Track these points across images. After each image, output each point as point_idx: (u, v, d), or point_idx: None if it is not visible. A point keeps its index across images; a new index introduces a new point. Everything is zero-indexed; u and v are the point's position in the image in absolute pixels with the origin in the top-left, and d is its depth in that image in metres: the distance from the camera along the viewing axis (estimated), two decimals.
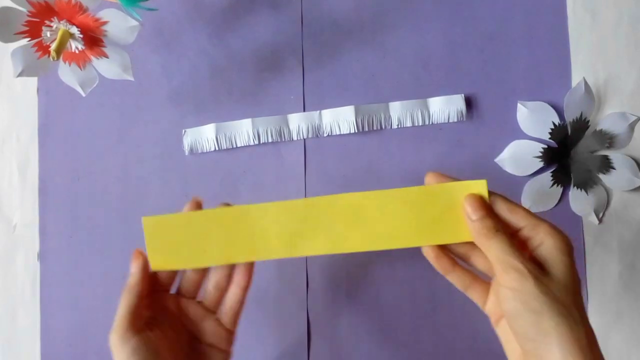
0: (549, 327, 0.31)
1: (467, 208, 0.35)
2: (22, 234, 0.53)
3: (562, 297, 0.32)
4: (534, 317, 0.32)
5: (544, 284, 0.32)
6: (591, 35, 0.50)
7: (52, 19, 0.43)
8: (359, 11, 0.52)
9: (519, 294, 0.32)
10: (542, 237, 0.34)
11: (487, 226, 0.35)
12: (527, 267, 0.33)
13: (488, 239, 0.34)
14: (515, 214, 0.35)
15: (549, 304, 0.31)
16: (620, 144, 0.49)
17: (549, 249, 0.34)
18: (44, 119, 0.54)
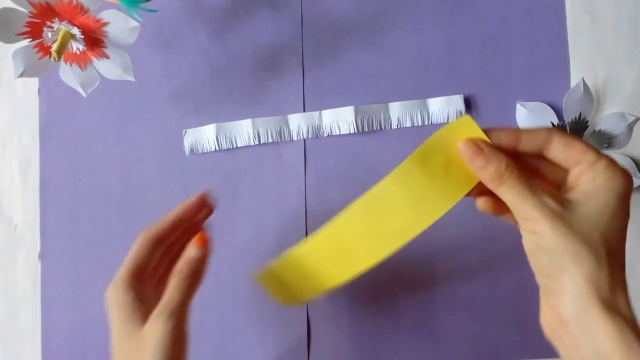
0: (563, 265, 0.29)
1: (463, 152, 0.32)
2: (23, 233, 0.53)
3: (587, 235, 0.29)
4: (548, 256, 0.30)
5: (564, 224, 0.30)
6: (590, 36, 0.50)
7: (53, 19, 0.43)
8: (359, 11, 0.52)
9: (533, 236, 0.31)
10: (596, 173, 0.31)
11: (492, 172, 0.32)
12: (542, 210, 0.30)
13: (498, 186, 0.32)
14: (572, 148, 0.31)
15: (564, 243, 0.29)
16: (619, 144, 0.49)
17: (596, 186, 0.30)
18: (45, 120, 0.54)
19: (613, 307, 0.29)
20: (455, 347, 0.49)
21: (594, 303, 0.29)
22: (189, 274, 0.37)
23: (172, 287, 0.36)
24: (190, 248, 0.38)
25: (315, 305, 0.50)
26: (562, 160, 0.32)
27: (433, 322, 0.49)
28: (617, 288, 0.29)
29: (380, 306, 0.50)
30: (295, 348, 0.50)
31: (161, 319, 0.35)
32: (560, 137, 0.32)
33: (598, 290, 0.29)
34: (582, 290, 0.29)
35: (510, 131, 0.33)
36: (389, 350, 0.49)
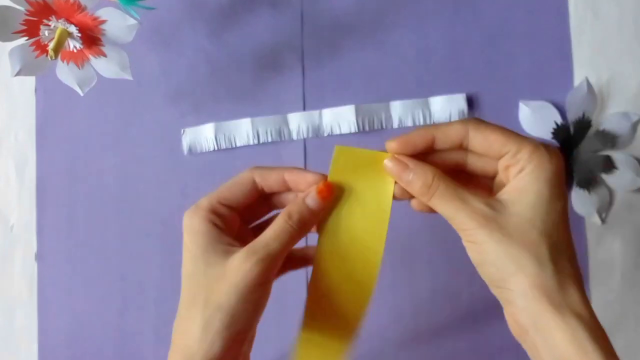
0: (507, 274, 0.29)
1: (392, 173, 0.32)
2: (19, 234, 0.53)
3: (524, 236, 0.29)
4: (492, 267, 0.29)
5: (498, 229, 0.29)
6: (593, 34, 0.50)
7: (50, 17, 0.43)
8: (359, 10, 0.51)
9: (474, 247, 0.30)
10: (521, 164, 0.30)
11: (420, 186, 0.31)
12: (475, 218, 0.29)
13: (428, 199, 0.31)
14: (491, 141, 0.30)
15: (503, 251, 0.28)
16: (623, 143, 0.48)
17: (524, 178, 0.29)
18: (41, 119, 0.53)
19: (564, 306, 0.28)
20: (456, 347, 0.49)
21: (545, 308, 0.28)
22: (297, 222, 0.32)
23: (273, 230, 0.32)
24: (310, 195, 0.33)
25: None
26: (485, 153, 0.31)
27: (433, 322, 0.49)
28: (566, 283, 0.29)
29: (380, 307, 0.49)
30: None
31: (254, 258, 0.30)
32: (475, 130, 0.31)
33: (546, 293, 0.28)
34: (530, 296, 0.28)
35: (421, 133, 0.32)
36: (388, 350, 0.49)
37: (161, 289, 0.51)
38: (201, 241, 0.32)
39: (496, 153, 0.31)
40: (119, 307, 0.51)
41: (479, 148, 0.31)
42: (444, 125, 0.31)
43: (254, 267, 0.30)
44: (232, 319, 0.30)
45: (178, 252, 0.51)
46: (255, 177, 0.34)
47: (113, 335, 0.51)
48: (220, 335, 0.30)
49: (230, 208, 0.33)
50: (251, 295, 0.30)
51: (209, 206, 0.33)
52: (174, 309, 0.51)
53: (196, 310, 0.31)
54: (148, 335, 0.51)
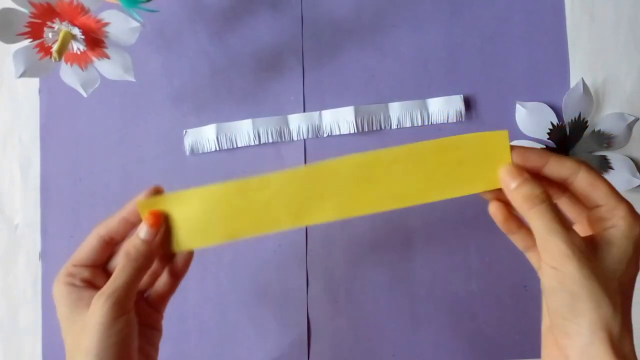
0: (584, 309, 0.30)
1: (504, 177, 0.33)
2: (23, 233, 0.54)
3: (607, 282, 0.30)
4: (569, 298, 0.30)
5: (589, 267, 0.30)
6: (590, 36, 0.50)
7: (54, 20, 0.43)
8: (359, 11, 0.52)
9: (558, 273, 0.31)
10: (616, 220, 0.31)
11: (525, 195, 0.32)
12: (571, 247, 0.30)
13: (529, 209, 0.32)
14: (596, 189, 0.32)
15: (589, 287, 0.30)
16: (618, 144, 0.49)
17: (617, 233, 0.31)
18: (45, 120, 0.54)
19: (621, 353, 0.30)
20: (456, 347, 0.49)
21: (606, 350, 0.29)
22: (135, 256, 0.35)
23: (117, 269, 0.35)
24: (140, 229, 0.35)
25: (315, 305, 0.50)
26: (583, 196, 0.33)
27: (433, 322, 0.49)
28: (625, 334, 0.30)
29: (380, 306, 0.50)
30: (295, 348, 0.50)
31: (101, 299, 0.33)
32: (586, 174, 0.32)
33: (611, 337, 0.30)
34: (598, 336, 0.30)
35: (539, 153, 0.33)
36: (388, 350, 0.50)
37: None
38: (64, 304, 0.35)
39: (595, 201, 0.32)
40: None
41: (582, 189, 0.33)
42: (560, 157, 0.33)
43: (103, 305, 0.33)
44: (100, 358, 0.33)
45: None
46: (100, 231, 0.36)
47: None
48: None
49: (87, 267, 0.36)
50: (111, 331, 0.33)
51: (65, 271, 0.36)
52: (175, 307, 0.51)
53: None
54: None
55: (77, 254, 0.36)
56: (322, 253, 0.51)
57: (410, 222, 0.50)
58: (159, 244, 0.35)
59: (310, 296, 0.50)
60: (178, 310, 0.51)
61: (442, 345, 0.49)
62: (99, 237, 0.36)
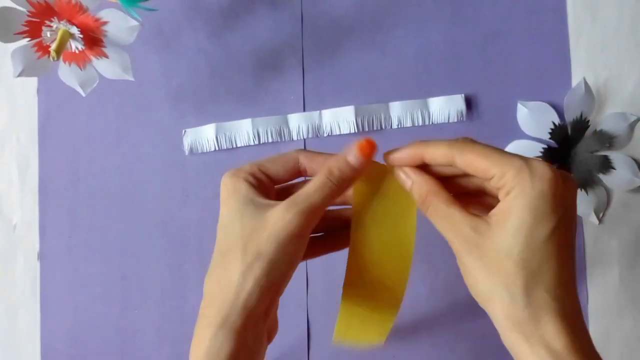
0: (486, 300, 0.29)
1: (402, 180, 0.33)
2: (22, 234, 0.53)
3: (500, 265, 0.28)
4: (474, 290, 0.30)
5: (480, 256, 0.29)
6: (591, 35, 0.50)
7: (52, 19, 0.43)
8: (359, 11, 0.52)
9: (462, 267, 0.31)
10: (508, 188, 0.29)
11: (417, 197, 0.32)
12: (458, 240, 0.30)
13: (425, 211, 0.31)
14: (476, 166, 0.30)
15: (483, 278, 0.29)
16: (620, 144, 0.49)
17: (509, 202, 0.29)
18: (43, 119, 0.54)
19: (534, 338, 0.28)
20: (456, 347, 0.49)
21: (516, 337, 0.28)
22: (338, 178, 0.32)
23: (315, 184, 0.32)
24: (351, 152, 0.32)
25: (315, 305, 0.50)
26: (474, 174, 0.31)
27: (433, 322, 0.49)
28: (540, 315, 0.28)
29: None
30: (295, 348, 0.50)
31: (295, 209, 0.30)
32: (460, 155, 0.31)
33: (517, 324, 0.28)
34: (503, 324, 0.29)
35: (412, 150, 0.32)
36: (388, 350, 0.49)
37: (162, 288, 0.51)
38: (238, 196, 0.32)
39: (483, 176, 0.30)
40: (121, 306, 0.52)
41: (468, 170, 0.31)
42: (432, 146, 0.32)
43: (294, 218, 0.30)
44: (271, 267, 0.30)
45: (179, 250, 0.51)
46: (301, 157, 0.34)
47: (115, 334, 0.51)
48: (259, 282, 0.30)
49: (269, 177, 0.33)
50: (290, 247, 0.31)
51: (250, 170, 0.33)
52: (176, 307, 0.51)
53: (234, 258, 0.31)
54: (150, 334, 0.51)
55: (267, 162, 0.34)
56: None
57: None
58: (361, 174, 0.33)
59: (310, 296, 0.50)
60: (178, 310, 0.51)
61: (442, 345, 0.49)
62: (296, 161, 0.34)
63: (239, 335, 0.30)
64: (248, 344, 0.30)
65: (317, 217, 0.32)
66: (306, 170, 0.34)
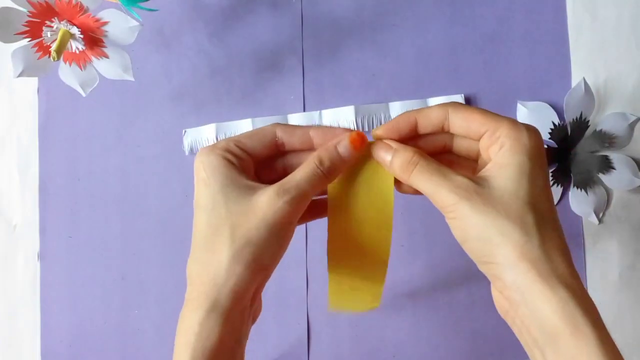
0: (494, 246, 0.28)
1: (377, 154, 0.32)
2: (22, 234, 0.53)
3: (508, 206, 0.28)
4: (477, 241, 0.29)
5: (481, 202, 0.28)
6: (591, 35, 0.50)
7: (52, 19, 0.43)
8: (359, 11, 0.52)
9: (458, 222, 0.30)
10: (502, 140, 0.30)
11: (400, 165, 0.31)
12: (456, 191, 0.29)
13: (409, 176, 0.31)
14: (471, 121, 0.31)
15: (488, 223, 0.28)
16: (620, 144, 0.49)
17: (505, 153, 0.29)
18: (44, 119, 0.54)
19: (553, 277, 0.28)
20: (456, 347, 0.49)
21: (534, 279, 0.28)
22: (328, 168, 0.32)
23: (305, 172, 0.32)
24: (342, 143, 0.32)
25: (315, 305, 0.50)
26: (465, 134, 0.32)
27: (433, 322, 0.49)
28: (553, 253, 0.28)
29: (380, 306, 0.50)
30: (295, 348, 0.50)
31: (286, 197, 0.30)
32: (454, 112, 0.31)
33: (534, 264, 0.28)
34: (519, 268, 0.28)
35: (404, 116, 0.32)
36: (388, 350, 0.49)
37: (162, 288, 0.51)
38: (219, 176, 0.31)
39: (476, 133, 0.31)
40: (121, 306, 0.52)
41: (459, 129, 0.32)
42: (425, 109, 0.32)
43: (285, 205, 0.30)
44: (261, 253, 0.30)
45: (179, 250, 0.51)
46: (278, 132, 0.33)
47: (115, 334, 0.52)
48: (249, 268, 0.30)
49: (247, 154, 0.33)
50: (280, 233, 0.31)
51: (226, 146, 0.32)
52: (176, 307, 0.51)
53: (221, 243, 0.30)
54: (150, 334, 0.51)
55: (243, 138, 0.33)
56: (322, 253, 0.50)
57: (410, 223, 0.50)
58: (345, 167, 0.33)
59: (310, 296, 0.50)
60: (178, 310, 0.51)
61: (442, 345, 0.49)
62: (274, 135, 0.33)
63: (228, 318, 0.30)
64: (235, 327, 0.31)
65: (305, 205, 0.32)
66: (284, 144, 0.34)
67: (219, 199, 0.31)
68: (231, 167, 0.31)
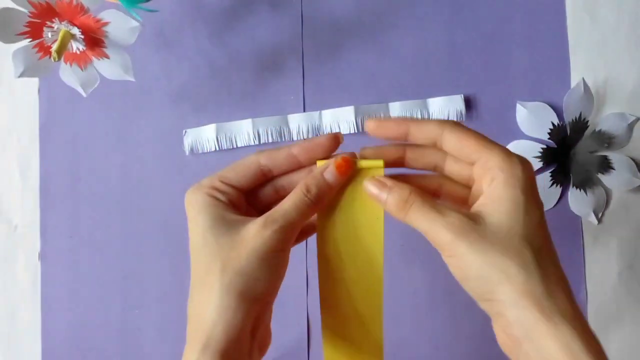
0: (495, 284, 0.28)
1: (370, 191, 0.32)
2: (23, 234, 0.53)
3: (506, 244, 0.28)
4: (478, 280, 0.29)
5: (477, 240, 0.28)
6: (590, 36, 0.50)
7: (53, 19, 0.43)
8: (359, 11, 0.52)
9: (456, 261, 0.29)
10: (494, 172, 0.29)
11: (396, 204, 0.31)
12: (451, 229, 0.29)
13: (405, 214, 0.31)
14: (465, 144, 0.30)
15: (487, 261, 0.28)
16: (619, 144, 0.49)
17: (498, 187, 0.29)
18: (44, 120, 0.54)
19: (555, 314, 0.27)
20: (456, 347, 0.49)
21: (537, 316, 0.27)
22: (315, 195, 0.32)
23: (292, 201, 0.32)
24: (328, 170, 0.32)
25: (315, 305, 0.50)
26: (458, 155, 0.32)
27: (433, 322, 0.49)
28: (555, 289, 0.28)
29: None
30: (295, 348, 0.50)
31: (274, 226, 0.30)
32: (450, 132, 0.31)
33: (536, 301, 0.27)
34: (521, 305, 0.28)
35: (398, 122, 0.32)
36: (388, 350, 0.49)
37: (163, 287, 0.51)
38: (206, 214, 0.31)
39: (468, 157, 0.31)
40: (122, 306, 0.52)
41: (453, 150, 0.31)
42: (421, 121, 0.32)
43: (273, 235, 0.30)
44: (253, 284, 0.30)
45: (180, 251, 0.51)
46: (261, 159, 0.33)
47: (116, 334, 0.52)
48: (241, 299, 0.30)
49: (233, 188, 0.33)
50: (271, 262, 0.30)
51: (211, 184, 0.32)
52: (176, 307, 0.51)
53: (213, 278, 0.30)
54: (151, 333, 0.51)
55: (227, 172, 0.33)
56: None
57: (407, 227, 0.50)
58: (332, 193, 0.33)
59: (310, 296, 0.50)
60: (178, 310, 0.51)
61: (442, 345, 0.49)
62: (257, 164, 0.33)
63: (223, 356, 0.29)
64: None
65: (296, 233, 0.32)
66: (271, 171, 0.34)
67: (208, 237, 0.31)
68: (218, 203, 0.32)
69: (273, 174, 0.34)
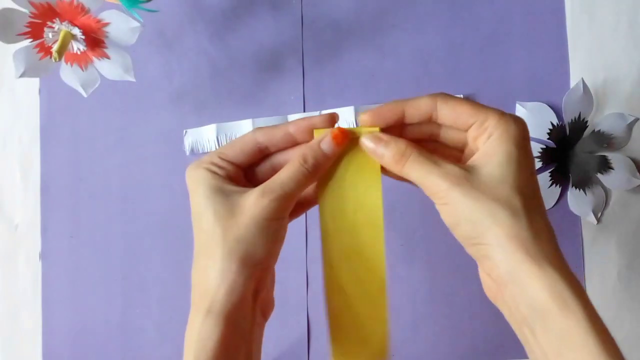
0: (484, 228, 0.29)
1: (367, 146, 0.33)
2: (24, 233, 0.54)
3: (497, 191, 0.30)
4: (468, 224, 0.30)
5: (471, 186, 0.30)
6: (590, 36, 0.50)
7: (54, 20, 0.43)
8: (359, 11, 0.52)
9: (448, 208, 0.31)
10: (490, 129, 0.31)
11: (393, 156, 0.32)
12: (447, 177, 0.30)
13: (402, 166, 0.32)
14: (460, 112, 0.32)
15: (479, 206, 0.29)
16: (618, 144, 0.49)
17: (493, 142, 0.31)
18: (45, 120, 0.54)
19: (541, 257, 0.29)
20: (456, 346, 0.49)
21: (522, 259, 0.29)
22: (312, 165, 0.33)
23: (289, 171, 0.32)
24: (325, 140, 0.33)
25: (315, 304, 0.50)
26: (453, 124, 0.33)
27: (433, 322, 0.49)
28: (541, 234, 0.29)
29: None
30: (295, 348, 0.50)
31: (271, 196, 0.31)
32: (443, 103, 0.32)
33: (522, 244, 0.29)
34: (508, 248, 0.29)
35: (392, 105, 0.33)
36: None
37: (164, 287, 0.51)
38: (205, 186, 0.32)
39: (464, 124, 0.32)
40: (123, 305, 0.52)
41: (448, 120, 0.33)
42: (414, 99, 0.33)
43: (270, 204, 0.31)
44: (253, 250, 0.31)
45: (180, 251, 0.51)
46: (258, 137, 0.34)
47: (117, 334, 0.52)
48: (243, 264, 0.31)
49: (232, 164, 0.34)
50: (270, 229, 0.32)
51: (210, 159, 0.33)
52: (177, 307, 0.51)
53: (214, 246, 0.31)
54: (151, 333, 0.51)
55: (226, 149, 0.34)
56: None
57: (410, 222, 0.50)
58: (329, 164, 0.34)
59: (310, 296, 0.50)
60: (179, 309, 0.51)
61: (442, 345, 0.49)
62: (254, 142, 0.34)
63: (227, 318, 0.30)
64: (239, 326, 0.31)
65: (293, 202, 0.33)
66: (268, 147, 0.34)
67: (208, 206, 0.32)
68: (216, 177, 0.33)
69: (270, 150, 0.35)
